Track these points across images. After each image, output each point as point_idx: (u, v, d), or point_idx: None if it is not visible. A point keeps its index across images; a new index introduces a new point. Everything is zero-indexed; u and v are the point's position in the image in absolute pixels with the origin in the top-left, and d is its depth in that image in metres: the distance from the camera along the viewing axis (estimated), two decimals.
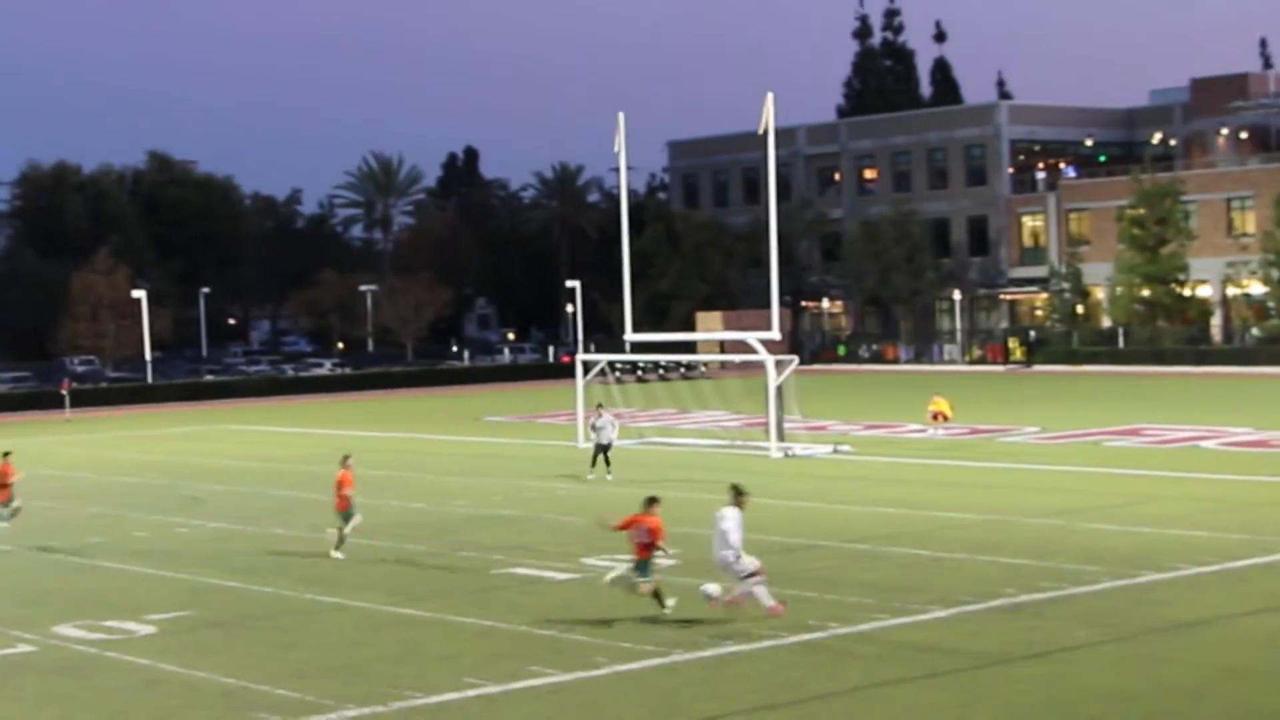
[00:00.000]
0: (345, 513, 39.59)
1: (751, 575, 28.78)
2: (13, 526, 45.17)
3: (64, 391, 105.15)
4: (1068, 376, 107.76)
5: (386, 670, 26.49)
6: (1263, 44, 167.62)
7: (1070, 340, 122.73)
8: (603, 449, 54.74)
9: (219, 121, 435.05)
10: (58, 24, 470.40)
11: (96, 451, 69.92)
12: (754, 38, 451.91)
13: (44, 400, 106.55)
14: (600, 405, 58.44)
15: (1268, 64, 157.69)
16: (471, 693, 24.79)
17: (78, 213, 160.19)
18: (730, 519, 29.23)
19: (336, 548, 38.86)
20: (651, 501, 29.76)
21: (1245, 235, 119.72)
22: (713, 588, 28.30)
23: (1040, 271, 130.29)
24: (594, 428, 56.16)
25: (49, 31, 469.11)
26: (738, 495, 29.78)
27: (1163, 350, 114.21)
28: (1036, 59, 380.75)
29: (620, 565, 29.88)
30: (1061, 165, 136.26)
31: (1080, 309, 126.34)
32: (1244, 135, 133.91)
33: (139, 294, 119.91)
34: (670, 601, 29.04)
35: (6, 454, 46.68)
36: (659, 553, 29.53)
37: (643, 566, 29.21)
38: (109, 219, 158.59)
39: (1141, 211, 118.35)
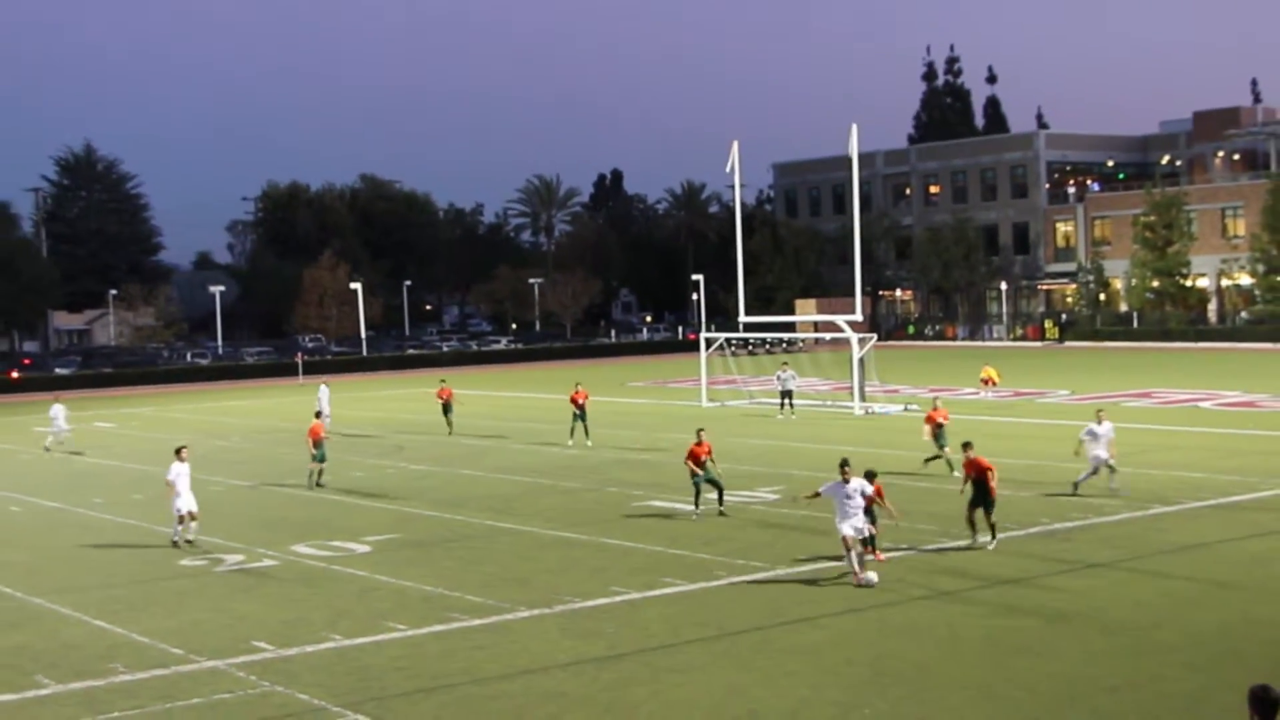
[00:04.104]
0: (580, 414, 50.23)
1: None
2: (254, 467, 45.71)
3: (298, 362, 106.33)
4: (1092, 351, 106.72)
5: (550, 580, 26.66)
6: (1254, 83, 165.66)
7: (1094, 322, 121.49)
8: (786, 394, 59.03)
9: (418, 148, 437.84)
10: (289, 70, 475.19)
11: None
12: (842, 81, 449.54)
13: (282, 369, 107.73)
14: (785, 363, 62.95)
15: (1257, 99, 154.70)
16: (618, 598, 24.93)
17: (307, 222, 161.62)
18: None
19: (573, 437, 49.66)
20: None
21: (1237, 237, 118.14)
22: (872, 576, 25.23)
23: (1071, 267, 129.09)
24: (780, 379, 60.01)
25: (281, 76, 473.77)
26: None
27: (1169, 330, 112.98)
28: (1069, 95, 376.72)
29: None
30: (1088, 181, 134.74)
31: (1102, 297, 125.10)
32: (1236, 157, 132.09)
33: (356, 286, 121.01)
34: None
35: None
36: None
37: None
38: (332, 227, 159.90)
39: (1153, 218, 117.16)
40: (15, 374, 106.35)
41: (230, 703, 19.49)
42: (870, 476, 26.75)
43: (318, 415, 46.34)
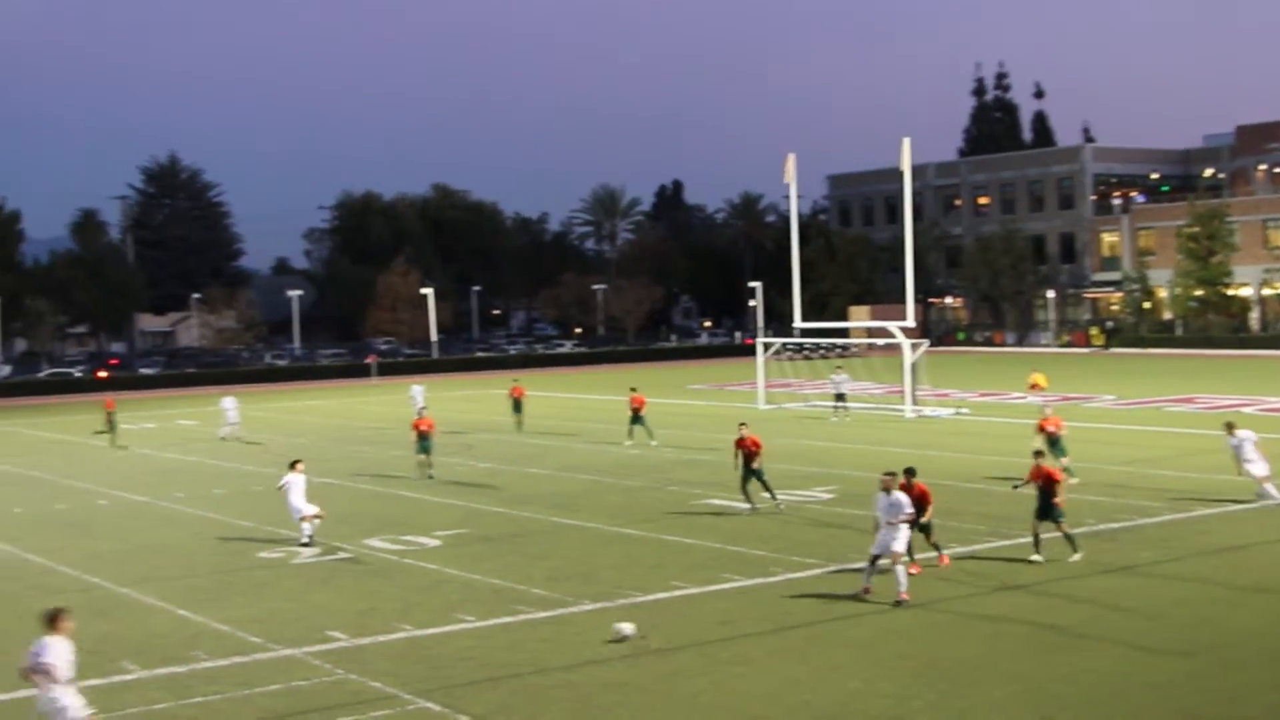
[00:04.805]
0: (637, 417, 50.60)
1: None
2: (329, 464, 45.97)
3: (371, 363, 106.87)
4: (1137, 357, 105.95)
5: (613, 575, 26.74)
6: None
7: (1139, 329, 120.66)
8: (840, 397, 59.20)
9: (488, 158, 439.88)
10: (364, 86, 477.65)
11: (395, 409, 70.95)
12: (895, 96, 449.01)
13: (356, 370, 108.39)
14: (839, 367, 62.95)
15: None
16: (677, 593, 24.98)
17: (381, 230, 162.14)
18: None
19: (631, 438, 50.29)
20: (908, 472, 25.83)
21: (1278, 248, 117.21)
22: (626, 627, 21.99)
23: (1116, 276, 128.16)
24: (834, 382, 60.05)
25: (356, 91, 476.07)
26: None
27: (1211, 337, 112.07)
28: (1115, 110, 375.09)
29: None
30: (1133, 193, 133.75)
31: (1147, 305, 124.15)
32: (1278, 170, 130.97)
33: (427, 291, 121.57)
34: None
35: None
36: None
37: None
38: (404, 234, 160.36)
39: (1196, 229, 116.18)
40: (103, 374, 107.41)
41: (306, 689, 19.66)
42: (910, 474, 25.87)
43: (421, 412, 46.99)
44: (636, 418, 50.92)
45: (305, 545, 30.84)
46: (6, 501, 39.62)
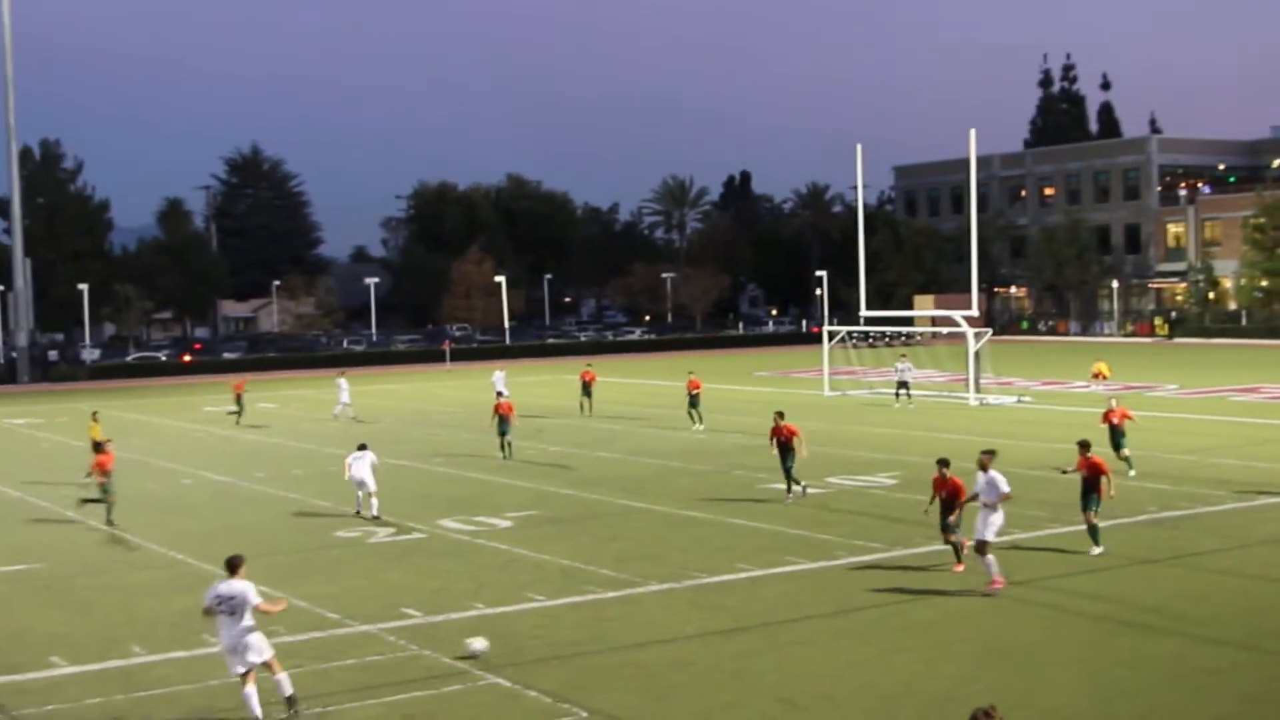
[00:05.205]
0: (695, 399, 51.23)
1: None
2: (404, 447, 46.23)
3: (445, 349, 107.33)
4: (1201, 347, 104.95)
5: (679, 557, 26.78)
6: None
7: (1203, 319, 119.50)
8: (903, 385, 58.53)
9: (560, 149, 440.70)
10: (439, 79, 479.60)
11: (468, 394, 71.30)
12: (962, 87, 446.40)
13: (431, 356, 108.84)
14: (904, 355, 62.10)
15: None
16: (742, 575, 25.00)
17: (455, 219, 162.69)
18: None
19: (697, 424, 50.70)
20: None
21: None
22: (477, 644, 19.99)
23: (1181, 266, 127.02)
24: (898, 370, 59.42)
25: (432, 84, 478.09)
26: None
27: (1276, 328, 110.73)
28: (1182, 102, 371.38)
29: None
30: (1199, 184, 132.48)
31: (1212, 295, 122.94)
32: None
33: (500, 279, 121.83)
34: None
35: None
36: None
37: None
38: (478, 224, 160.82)
39: (1262, 220, 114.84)
40: (188, 358, 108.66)
41: (382, 664, 19.83)
42: (944, 464, 25.00)
43: (499, 396, 47.36)
44: (693, 400, 51.50)
45: (374, 519, 31.67)
46: None
